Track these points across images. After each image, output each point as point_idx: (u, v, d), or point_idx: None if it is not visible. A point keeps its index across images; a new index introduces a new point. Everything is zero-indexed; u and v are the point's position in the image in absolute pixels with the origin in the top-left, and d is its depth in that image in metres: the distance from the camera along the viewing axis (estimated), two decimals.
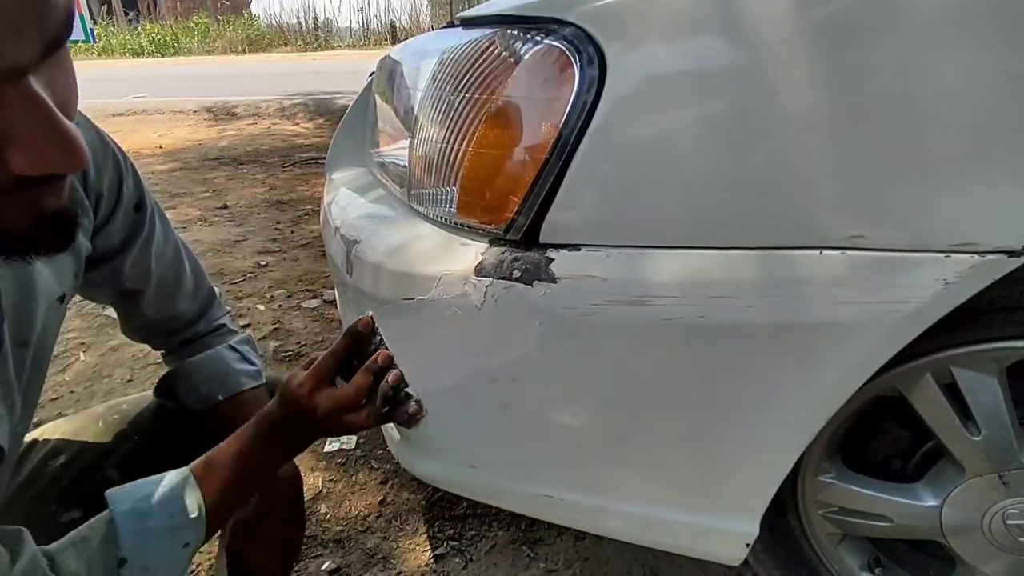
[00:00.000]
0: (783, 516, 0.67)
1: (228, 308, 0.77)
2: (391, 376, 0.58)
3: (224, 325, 0.74)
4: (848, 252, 0.47)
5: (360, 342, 0.60)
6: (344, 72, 6.43)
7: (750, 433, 0.54)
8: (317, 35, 12.60)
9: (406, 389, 0.60)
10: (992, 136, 0.43)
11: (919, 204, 0.45)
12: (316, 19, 12.87)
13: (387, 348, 0.59)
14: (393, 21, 12.38)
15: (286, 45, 12.56)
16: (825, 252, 0.47)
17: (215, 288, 0.75)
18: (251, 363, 0.73)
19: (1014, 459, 0.55)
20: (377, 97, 0.87)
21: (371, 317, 0.60)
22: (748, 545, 0.60)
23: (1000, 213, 0.44)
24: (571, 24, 0.51)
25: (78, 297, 0.64)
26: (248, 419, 0.60)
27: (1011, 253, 0.44)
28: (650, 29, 0.49)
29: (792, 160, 0.46)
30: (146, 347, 0.76)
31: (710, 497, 0.59)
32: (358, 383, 0.58)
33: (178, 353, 0.72)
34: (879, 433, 0.65)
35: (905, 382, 0.56)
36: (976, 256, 0.44)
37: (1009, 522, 0.58)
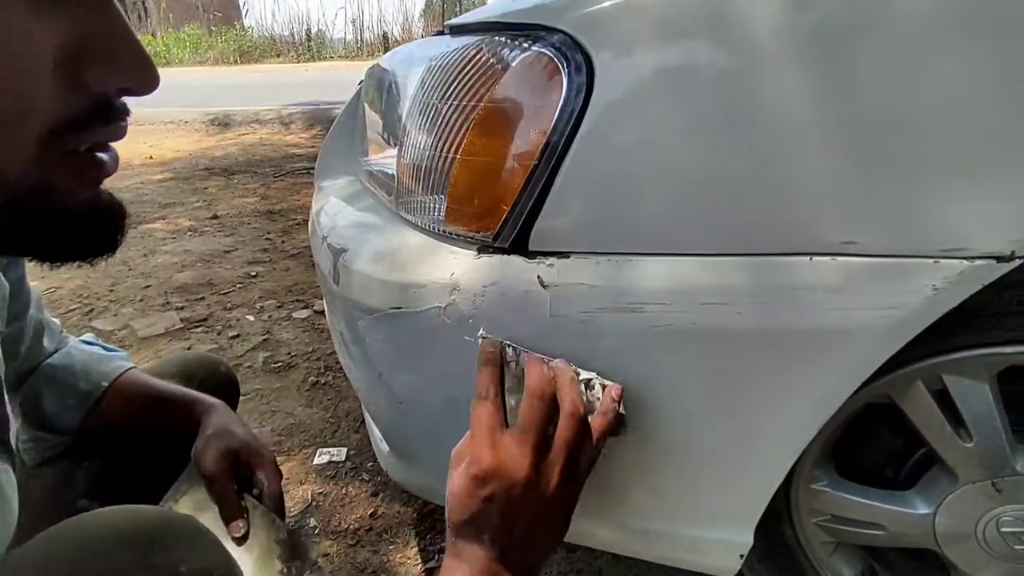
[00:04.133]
0: (777, 525, 0.66)
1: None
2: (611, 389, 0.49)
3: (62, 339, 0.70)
4: (838, 258, 0.46)
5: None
6: (338, 83, 6.44)
7: (743, 441, 0.54)
8: (310, 46, 12.64)
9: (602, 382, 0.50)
10: (980, 142, 0.43)
11: (908, 210, 0.45)
12: (309, 30, 12.91)
13: (528, 355, 0.50)
14: (386, 32, 12.45)
15: (278, 56, 12.58)
16: (816, 258, 0.47)
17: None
18: (111, 349, 0.70)
19: (1007, 466, 0.55)
20: (366, 105, 0.87)
21: (484, 335, 0.51)
22: (742, 556, 0.59)
23: (988, 218, 0.44)
24: (559, 31, 0.50)
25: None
26: (141, 402, 0.57)
27: (999, 258, 0.43)
28: (638, 36, 0.49)
29: (782, 166, 0.46)
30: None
31: (703, 507, 0.59)
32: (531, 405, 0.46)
33: (24, 380, 0.64)
34: (872, 440, 0.64)
35: (897, 389, 0.56)
36: (965, 261, 0.44)
37: (1003, 529, 0.57)
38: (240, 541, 0.61)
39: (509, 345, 0.50)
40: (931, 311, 0.45)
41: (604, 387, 0.49)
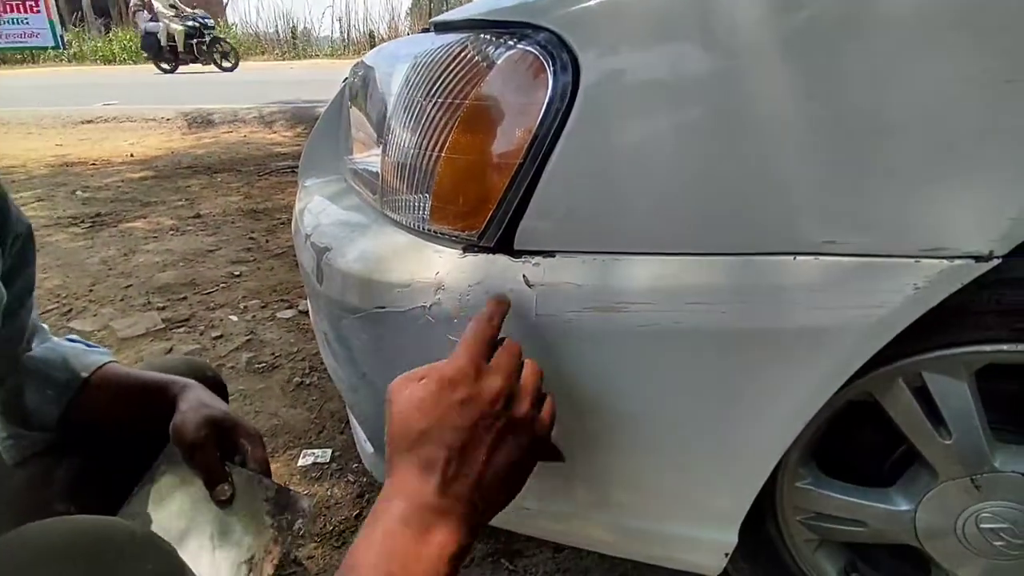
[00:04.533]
0: (761, 523, 0.67)
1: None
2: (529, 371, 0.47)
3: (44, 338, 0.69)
4: (821, 258, 0.47)
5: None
6: (324, 81, 6.39)
7: (728, 440, 0.54)
8: (295, 44, 12.53)
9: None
10: (958, 143, 0.44)
11: (889, 210, 0.45)
12: (295, 28, 12.80)
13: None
14: (372, 30, 12.38)
15: (263, 54, 12.46)
16: (799, 258, 0.47)
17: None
18: (93, 346, 0.70)
19: (985, 463, 0.55)
20: (350, 103, 0.86)
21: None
22: (727, 555, 0.60)
23: (967, 219, 0.44)
24: (545, 29, 0.50)
25: None
26: (120, 391, 0.56)
27: (978, 258, 0.44)
28: (624, 35, 0.49)
29: (765, 166, 0.47)
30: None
31: (688, 507, 0.59)
32: (501, 362, 0.44)
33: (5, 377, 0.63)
34: (854, 438, 0.65)
35: (878, 387, 0.56)
36: (945, 261, 0.44)
37: (982, 526, 0.58)
38: (225, 504, 0.60)
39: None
40: (912, 310, 0.46)
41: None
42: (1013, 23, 0.41)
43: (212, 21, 10.07)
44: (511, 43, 0.52)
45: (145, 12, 9.72)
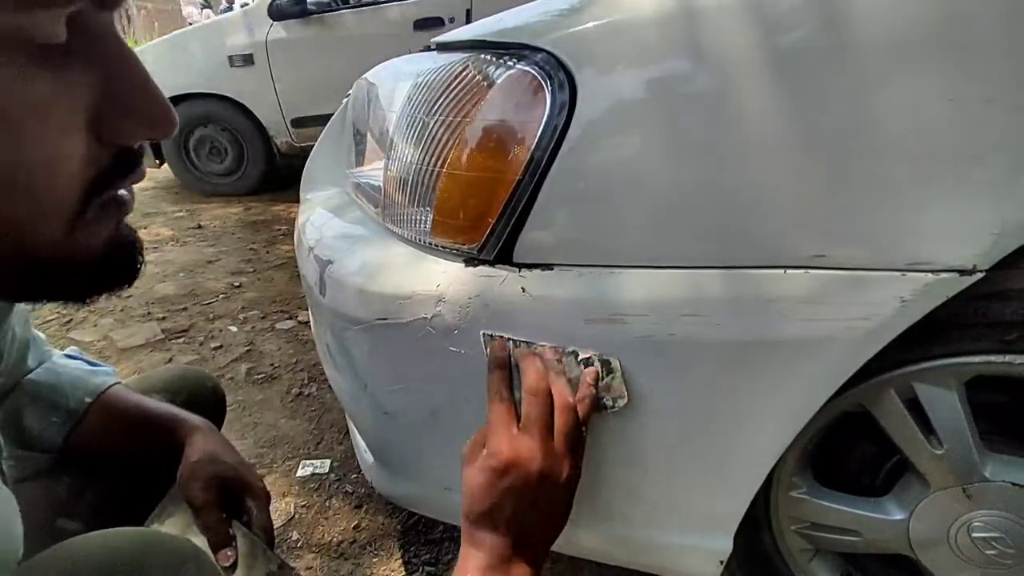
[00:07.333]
0: (756, 532, 0.67)
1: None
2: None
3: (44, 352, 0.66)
4: (811, 271, 0.48)
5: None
6: None
7: (721, 449, 0.55)
8: None
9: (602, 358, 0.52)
10: (942, 159, 0.45)
11: (877, 224, 0.47)
12: None
13: (522, 351, 0.54)
14: None
15: None
16: (789, 271, 0.48)
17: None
18: (96, 364, 0.68)
19: (976, 472, 0.56)
20: (353, 118, 0.88)
21: (489, 334, 0.54)
22: (722, 562, 0.60)
23: (951, 234, 0.45)
24: (542, 50, 0.52)
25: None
26: (124, 420, 0.56)
27: (963, 272, 0.45)
28: (619, 56, 0.50)
29: (757, 182, 0.48)
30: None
31: (682, 514, 0.59)
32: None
33: (3, 398, 0.62)
34: (849, 449, 0.66)
35: (870, 398, 0.57)
36: (930, 274, 0.46)
37: (974, 535, 0.59)
38: (229, 571, 0.59)
39: (510, 339, 0.54)
40: (899, 322, 0.47)
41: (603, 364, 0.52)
42: (993, 44, 0.43)
43: None
44: (511, 63, 0.53)
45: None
